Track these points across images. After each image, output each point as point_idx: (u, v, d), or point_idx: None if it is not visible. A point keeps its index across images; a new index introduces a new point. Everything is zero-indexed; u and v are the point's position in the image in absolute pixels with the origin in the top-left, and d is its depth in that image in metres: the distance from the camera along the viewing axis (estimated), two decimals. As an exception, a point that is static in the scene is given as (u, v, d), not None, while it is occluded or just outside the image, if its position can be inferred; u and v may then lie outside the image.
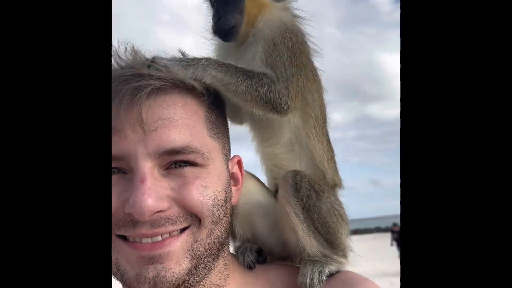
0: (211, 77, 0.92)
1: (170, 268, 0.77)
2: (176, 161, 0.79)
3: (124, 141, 0.76)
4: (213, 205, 0.81)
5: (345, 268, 1.03)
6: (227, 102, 0.99)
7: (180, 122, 0.80)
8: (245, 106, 1.02)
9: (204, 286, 0.86)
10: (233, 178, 0.95)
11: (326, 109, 1.16)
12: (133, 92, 0.76)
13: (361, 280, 0.90)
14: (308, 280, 0.94)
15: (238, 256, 1.01)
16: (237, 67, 0.99)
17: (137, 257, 0.78)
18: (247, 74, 0.99)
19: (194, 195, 0.79)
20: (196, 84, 0.84)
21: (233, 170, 0.95)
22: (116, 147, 0.76)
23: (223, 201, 0.84)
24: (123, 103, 0.76)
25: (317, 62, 1.15)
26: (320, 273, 0.95)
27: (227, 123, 0.96)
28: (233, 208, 0.95)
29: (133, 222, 0.77)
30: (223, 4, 1.07)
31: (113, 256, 0.80)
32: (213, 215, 0.81)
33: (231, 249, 1.04)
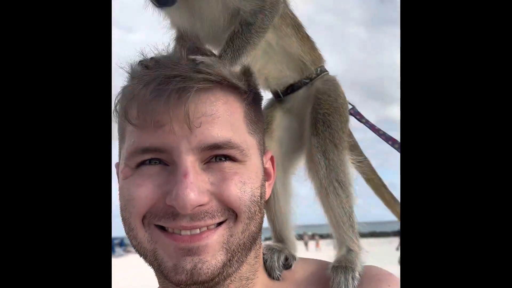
0: (245, 57, 0.99)
1: (206, 261, 0.80)
2: (216, 155, 0.82)
3: (168, 135, 0.79)
4: (250, 201, 0.83)
5: (364, 259, 1.07)
6: None
7: (222, 119, 0.82)
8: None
9: (235, 278, 0.88)
10: (265, 174, 0.96)
11: None
12: (179, 91, 0.78)
13: (386, 276, 0.94)
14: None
15: (265, 263, 1.03)
16: (238, 33, 1.01)
17: (176, 248, 0.80)
18: (248, 29, 1.01)
19: (233, 191, 0.81)
20: (240, 84, 0.87)
21: (266, 166, 0.97)
22: (160, 140, 0.79)
23: (259, 197, 0.86)
24: (170, 101, 0.78)
25: (341, 60, 1.18)
26: (352, 278, 0.98)
27: (263, 119, 0.99)
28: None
29: (174, 214, 0.79)
30: None
31: (151, 246, 0.82)
32: (249, 210, 0.83)
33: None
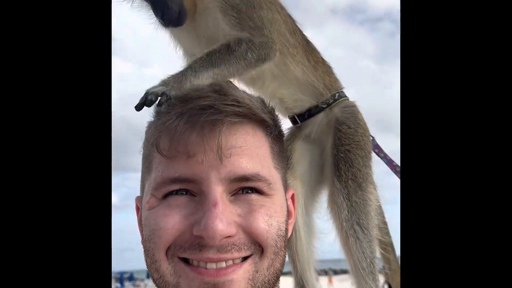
0: (206, 78, 0.97)
1: None
2: (244, 188, 0.82)
3: (198, 165, 0.79)
4: (277, 235, 0.83)
5: None
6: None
7: (252, 151, 0.83)
8: (245, 75, 1.04)
9: None
10: (287, 211, 0.94)
11: (297, 25, 1.15)
12: (212, 123, 0.79)
13: None
14: None
15: None
16: (216, 52, 1.00)
17: (200, 283, 0.78)
18: (228, 52, 1.00)
19: (261, 223, 0.80)
20: (266, 117, 0.88)
21: (288, 203, 0.94)
22: (190, 170, 0.79)
23: (284, 232, 0.86)
24: (204, 132, 0.79)
25: (352, 93, 1.18)
26: None
27: (286, 156, 1.00)
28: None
29: (200, 245, 0.78)
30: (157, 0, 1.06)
31: (174, 279, 0.80)
32: (276, 245, 0.82)
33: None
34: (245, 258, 0.81)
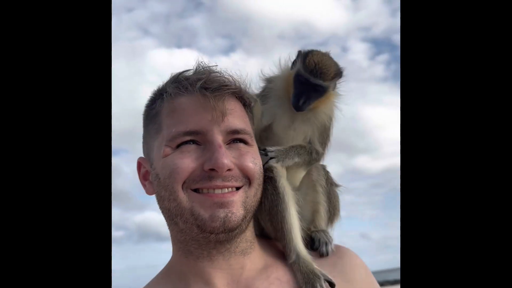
0: (293, 162, 1.37)
1: (233, 212, 1.04)
2: (234, 139, 1.09)
3: (203, 121, 1.05)
4: (259, 172, 1.12)
5: None
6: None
7: (239, 113, 1.12)
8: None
9: (242, 240, 1.12)
10: None
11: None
12: (214, 94, 1.07)
13: (346, 251, 1.25)
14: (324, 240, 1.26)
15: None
16: (301, 150, 1.41)
17: (211, 203, 1.03)
18: (310, 155, 1.43)
19: (249, 163, 1.09)
20: (245, 96, 1.16)
21: None
22: (196, 125, 1.05)
23: (262, 173, 1.15)
24: (206, 98, 1.06)
25: None
26: (330, 241, 1.27)
27: (253, 122, 1.26)
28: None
29: (209, 177, 1.04)
30: (308, 92, 1.40)
31: (189, 205, 1.04)
32: (259, 178, 1.12)
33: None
34: (238, 189, 1.07)
